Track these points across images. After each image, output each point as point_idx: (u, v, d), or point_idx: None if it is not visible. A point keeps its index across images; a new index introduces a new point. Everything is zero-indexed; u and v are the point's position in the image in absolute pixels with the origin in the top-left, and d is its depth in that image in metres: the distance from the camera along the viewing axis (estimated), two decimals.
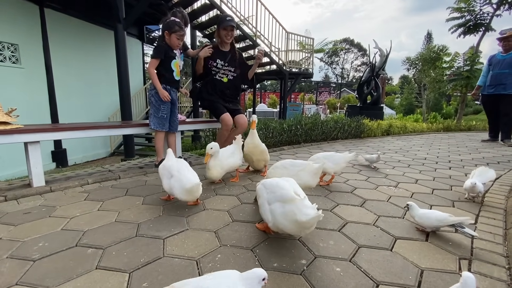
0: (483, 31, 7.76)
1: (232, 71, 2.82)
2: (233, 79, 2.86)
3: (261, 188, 1.29)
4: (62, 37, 6.49)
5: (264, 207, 1.21)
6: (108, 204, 1.68)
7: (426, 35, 38.11)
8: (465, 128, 7.52)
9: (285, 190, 1.15)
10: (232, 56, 2.78)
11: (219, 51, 2.76)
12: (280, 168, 1.69)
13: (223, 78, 2.81)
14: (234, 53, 2.79)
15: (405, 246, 1.25)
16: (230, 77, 2.84)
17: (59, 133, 2.08)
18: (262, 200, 1.25)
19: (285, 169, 1.64)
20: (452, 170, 2.76)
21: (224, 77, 2.81)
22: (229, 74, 2.82)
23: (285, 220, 1.10)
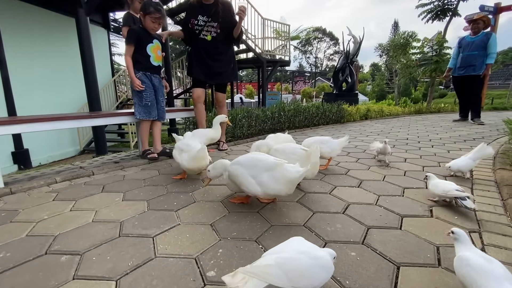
0: (450, 16, 8.11)
1: (214, 26, 2.50)
2: (217, 36, 2.53)
3: (238, 168, 1.28)
4: (16, 26, 5.77)
5: (248, 181, 1.23)
6: (82, 203, 1.46)
7: (393, 24, 39.59)
8: (435, 110, 7.90)
9: (267, 160, 1.23)
10: (216, 10, 2.45)
11: (202, 5, 2.45)
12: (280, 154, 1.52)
13: (206, 36, 2.51)
14: (217, 5, 2.45)
15: (413, 223, 1.20)
16: (213, 34, 2.52)
17: (17, 126, 1.79)
18: (243, 177, 1.25)
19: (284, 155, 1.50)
20: (435, 148, 2.82)
21: (208, 35, 2.50)
22: (212, 31, 2.51)
23: (277, 184, 1.19)
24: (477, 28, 4.54)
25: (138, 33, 2.19)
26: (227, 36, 2.58)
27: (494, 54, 4.48)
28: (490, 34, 4.46)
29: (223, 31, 2.54)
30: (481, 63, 4.50)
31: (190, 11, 2.49)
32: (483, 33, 4.52)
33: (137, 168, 2.17)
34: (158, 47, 2.32)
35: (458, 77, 4.84)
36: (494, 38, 4.43)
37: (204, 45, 2.55)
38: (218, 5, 2.45)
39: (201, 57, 2.57)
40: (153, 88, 2.33)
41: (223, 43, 2.60)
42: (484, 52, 4.45)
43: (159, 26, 2.25)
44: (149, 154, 2.33)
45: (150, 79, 2.29)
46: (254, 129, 3.81)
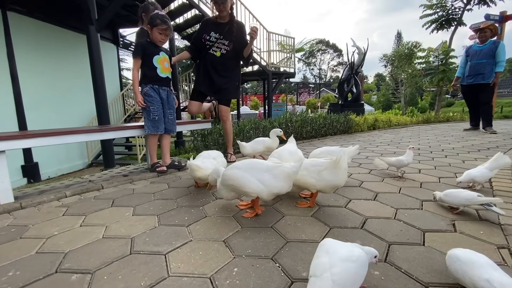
0: (455, 26, 8.13)
1: (226, 44, 2.56)
2: (226, 53, 2.60)
3: (236, 171, 1.34)
4: (29, 42, 5.98)
5: (251, 181, 1.30)
6: (92, 218, 1.44)
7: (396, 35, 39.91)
8: (444, 120, 7.79)
9: (267, 163, 1.34)
10: (229, 28, 2.52)
11: (215, 24, 2.53)
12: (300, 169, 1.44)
13: (216, 52, 2.58)
14: (232, 25, 2.52)
15: (437, 239, 1.13)
16: (223, 51, 2.58)
17: (28, 140, 1.80)
18: (243, 178, 1.31)
19: (306, 170, 1.41)
20: (449, 158, 2.75)
21: (218, 51, 2.57)
22: (222, 48, 2.57)
23: (278, 181, 1.28)
24: (485, 37, 4.53)
25: (144, 45, 2.23)
26: (237, 55, 2.65)
27: (503, 62, 4.46)
28: (498, 42, 4.45)
29: (234, 49, 2.61)
30: (490, 71, 4.47)
31: (204, 27, 2.56)
32: (491, 41, 4.51)
33: (146, 181, 2.15)
34: (165, 59, 2.34)
35: (467, 86, 4.79)
36: (502, 46, 4.41)
37: (212, 60, 2.60)
38: (233, 24, 2.53)
39: (207, 71, 2.62)
40: (161, 101, 2.34)
41: (231, 61, 2.67)
42: (493, 60, 4.44)
43: (166, 37, 2.29)
44: (157, 167, 2.32)
45: (157, 92, 2.31)
46: None
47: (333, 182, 1.38)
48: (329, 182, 1.38)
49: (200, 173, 1.73)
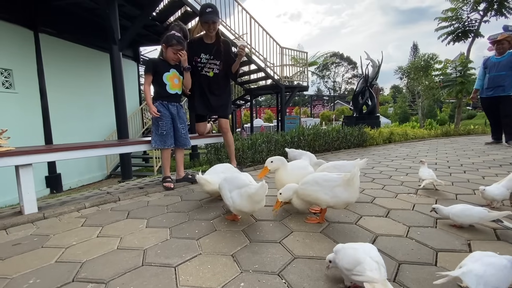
0: (473, 37, 7.96)
1: (217, 64, 2.66)
2: (219, 73, 2.70)
3: (223, 183, 1.54)
4: (57, 61, 6.45)
5: (226, 195, 1.47)
6: (108, 229, 1.50)
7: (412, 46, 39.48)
8: (464, 133, 7.50)
9: (240, 180, 1.47)
10: (217, 49, 2.61)
11: (203, 44, 2.60)
12: (311, 184, 1.42)
13: (209, 72, 2.66)
14: (219, 45, 2.61)
15: (450, 259, 1.10)
16: (216, 71, 2.68)
17: (53, 154, 1.93)
18: (224, 191, 1.50)
19: (318, 185, 1.39)
20: (468, 173, 2.65)
21: (210, 71, 2.66)
22: (214, 68, 2.66)
23: (241, 200, 1.39)
24: (502, 49, 4.44)
25: (155, 63, 2.35)
26: (227, 73, 2.76)
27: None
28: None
29: (224, 68, 2.71)
30: (510, 83, 4.34)
31: (191, 50, 2.58)
32: (509, 53, 4.40)
33: (160, 194, 2.22)
34: (175, 76, 2.44)
35: (487, 98, 4.66)
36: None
37: (206, 80, 2.69)
38: (220, 44, 2.62)
39: (203, 92, 2.70)
40: (171, 116, 2.42)
41: (224, 79, 2.78)
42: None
43: (179, 58, 2.36)
44: (165, 182, 2.38)
45: (167, 108, 2.39)
46: (274, 154, 3.81)
47: (346, 199, 1.36)
48: (342, 199, 1.36)
49: (208, 188, 1.77)
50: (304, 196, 1.46)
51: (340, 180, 1.36)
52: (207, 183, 1.77)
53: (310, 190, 1.41)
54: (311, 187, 1.41)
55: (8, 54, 5.43)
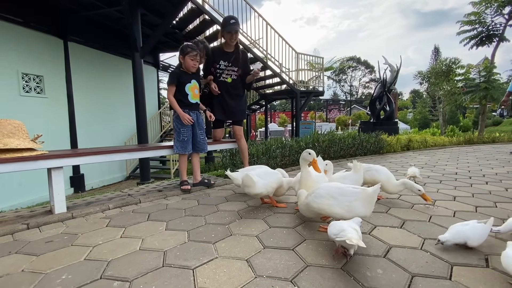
0: (497, 42, 7.64)
1: (235, 71, 2.82)
2: (236, 79, 2.86)
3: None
4: (84, 67, 6.83)
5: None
6: (131, 231, 1.60)
7: (434, 50, 38.22)
8: (488, 140, 7.18)
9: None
10: (236, 57, 2.78)
11: (223, 52, 2.76)
12: (326, 198, 1.40)
13: (227, 78, 2.81)
14: (238, 53, 2.79)
15: (465, 274, 1.09)
16: (234, 77, 2.83)
17: (81, 158, 2.07)
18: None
19: (333, 199, 1.37)
20: (490, 185, 2.56)
21: (228, 78, 2.81)
22: (232, 74, 2.82)
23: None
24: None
25: (178, 74, 2.47)
26: (242, 81, 2.92)
27: None
28: None
29: (241, 75, 2.87)
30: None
31: (211, 57, 2.76)
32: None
33: (178, 197, 2.32)
34: (196, 87, 2.55)
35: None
36: None
37: (225, 86, 2.83)
38: (239, 52, 2.80)
39: (222, 97, 2.84)
40: (192, 123, 2.52)
41: (241, 85, 2.94)
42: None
43: (198, 63, 2.50)
44: (183, 186, 2.48)
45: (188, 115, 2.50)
46: (288, 160, 3.84)
47: (362, 214, 1.35)
48: (359, 213, 1.34)
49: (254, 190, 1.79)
50: (317, 209, 1.44)
51: (359, 194, 1.34)
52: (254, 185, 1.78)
53: (324, 204, 1.39)
54: (326, 200, 1.39)
55: (40, 61, 5.83)
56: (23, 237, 1.58)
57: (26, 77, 5.61)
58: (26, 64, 5.56)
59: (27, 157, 1.79)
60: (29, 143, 1.92)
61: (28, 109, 5.56)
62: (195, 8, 6.12)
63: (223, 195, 2.36)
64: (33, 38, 5.69)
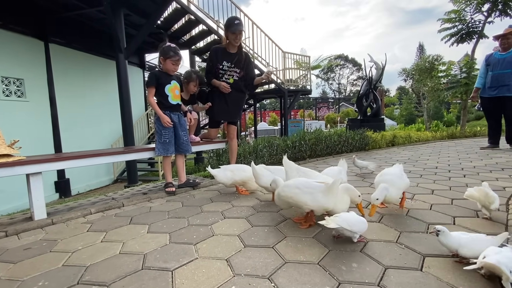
0: (477, 38, 7.90)
1: (237, 72, 2.84)
2: (238, 80, 2.88)
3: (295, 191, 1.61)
4: (66, 69, 6.67)
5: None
6: (112, 235, 1.59)
7: (418, 47, 39.13)
8: (470, 135, 7.43)
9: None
10: (239, 58, 2.80)
11: (226, 53, 2.78)
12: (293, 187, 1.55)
13: (229, 79, 2.83)
14: (241, 55, 2.81)
15: (436, 264, 1.14)
16: (235, 78, 2.85)
17: (62, 162, 2.03)
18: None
19: (299, 189, 1.52)
20: (467, 178, 2.66)
21: (230, 78, 2.83)
22: (234, 75, 2.84)
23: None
24: (507, 44, 4.14)
25: (157, 75, 2.44)
26: (245, 83, 2.95)
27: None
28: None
29: (243, 77, 2.89)
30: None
31: (215, 57, 2.79)
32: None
33: (162, 199, 2.31)
34: (176, 87, 2.54)
35: (490, 98, 4.36)
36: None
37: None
38: (242, 54, 2.82)
39: (223, 97, 2.85)
40: (174, 124, 2.51)
41: (242, 87, 2.96)
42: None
43: (177, 67, 2.53)
44: (167, 187, 2.47)
45: (169, 117, 2.47)
46: (275, 158, 3.87)
47: (326, 205, 1.48)
48: (323, 204, 1.48)
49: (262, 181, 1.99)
50: (285, 197, 1.57)
51: (320, 188, 1.49)
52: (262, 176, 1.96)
53: (292, 193, 1.53)
54: (293, 190, 1.54)
55: (20, 64, 5.66)
56: (1, 245, 1.55)
57: (5, 80, 5.44)
58: (6, 67, 5.39)
59: (3, 163, 1.74)
60: (5, 149, 1.87)
61: (9, 113, 5.39)
62: (180, 8, 6.07)
63: (208, 196, 2.36)
64: (12, 40, 5.52)
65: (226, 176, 2.29)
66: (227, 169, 2.33)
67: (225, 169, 2.33)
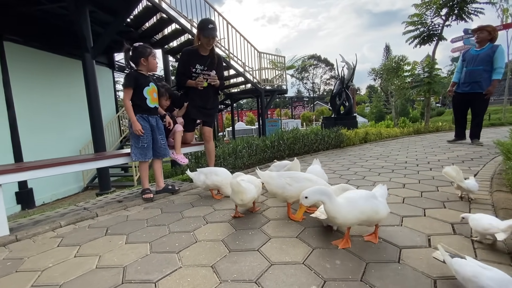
0: (437, 40, 8.52)
1: (210, 75, 2.78)
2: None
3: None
4: (25, 69, 6.15)
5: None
6: (86, 248, 1.49)
7: (385, 47, 41.33)
8: (433, 130, 7.99)
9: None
10: (211, 61, 2.76)
11: (198, 56, 2.72)
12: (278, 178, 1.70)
13: (203, 82, 2.75)
14: (213, 58, 2.77)
15: (411, 255, 1.21)
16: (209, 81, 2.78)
17: (24, 173, 1.87)
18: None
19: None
20: (433, 171, 2.85)
21: (204, 82, 2.76)
22: (208, 78, 2.77)
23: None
24: (479, 38, 4.19)
25: (136, 76, 2.33)
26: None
27: (502, 68, 4.11)
28: (496, 47, 4.10)
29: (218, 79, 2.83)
30: (487, 79, 4.12)
31: (188, 59, 2.71)
32: (489, 45, 4.16)
33: (140, 207, 2.21)
34: (154, 90, 2.45)
35: (462, 94, 4.41)
36: (501, 51, 4.07)
37: (200, 90, 2.76)
38: (214, 57, 2.76)
39: (196, 100, 2.80)
40: (151, 128, 2.42)
41: (215, 90, 2.92)
42: (490, 67, 4.10)
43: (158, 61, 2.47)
44: (144, 194, 2.37)
45: (147, 121, 2.39)
46: (255, 159, 3.88)
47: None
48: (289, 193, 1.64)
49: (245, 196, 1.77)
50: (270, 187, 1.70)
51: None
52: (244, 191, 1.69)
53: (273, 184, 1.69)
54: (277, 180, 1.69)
55: None
56: None
57: None
58: None
59: None
60: None
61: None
62: (151, 6, 5.85)
63: (188, 200, 2.31)
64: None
65: (200, 179, 2.25)
66: (202, 172, 2.28)
67: (200, 172, 2.28)
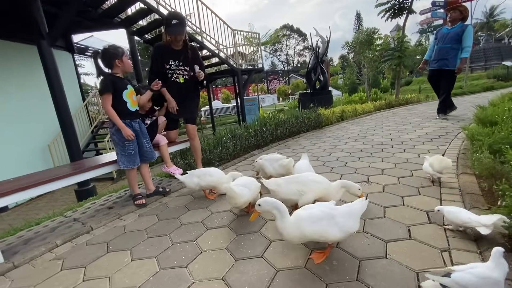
0: (407, 14, 8.71)
1: (187, 70, 2.67)
2: (189, 78, 2.72)
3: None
4: None
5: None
6: (92, 270, 1.51)
7: (356, 16, 41.15)
8: (404, 102, 8.45)
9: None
10: (185, 55, 2.61)
11: (171, 51, 2.57)
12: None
13: (179, 78, 2.67)
14: (187, 51, 2.62)
15: (396, 249, 1.39)
16: (186, 77, 2.69)
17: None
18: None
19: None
20: (407, 152, 3.09)
21: (180, 78, 2.67)
22: (184, 74, 2.68)
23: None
24: (451, 17, 4.43)
25: (113, 80, 2.20)
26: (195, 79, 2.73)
27: (469, 47, 4.32)
28: (465, 26, 4.34)
29: (193, 76, 2.70)
30: (454, 57, 4.35)
31: (160, 56, 2.56)
32: (460, 24, 4.37)
33: (134, 214, 2.21)
34: (133, 92, 2.34)
35: (433, 71, 4.69)
36: (469, 31, 4.30)
37: (176, 87, 2.68)
38: (188, 51, 2.61)
39: (176, 95, 2.69)
40: (136, 133, 2.34)
41: (193, 85, 2.80)
42: (458, 45, 4.33)
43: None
44: (136, 200, 2.36)
45: (130, 126, 2.29)
46: (240, 148, 3.92)
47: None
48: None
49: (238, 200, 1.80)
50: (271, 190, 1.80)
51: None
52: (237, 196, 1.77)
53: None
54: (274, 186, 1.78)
55: None
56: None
57: None
58: None
59: None
60: None
61: None
62: None
63: (182, 203, 2.34)
64: None
65: (193, 182, 2.28)
66: (194, 174, 2.30)
67: (192, 175, 2.30)
